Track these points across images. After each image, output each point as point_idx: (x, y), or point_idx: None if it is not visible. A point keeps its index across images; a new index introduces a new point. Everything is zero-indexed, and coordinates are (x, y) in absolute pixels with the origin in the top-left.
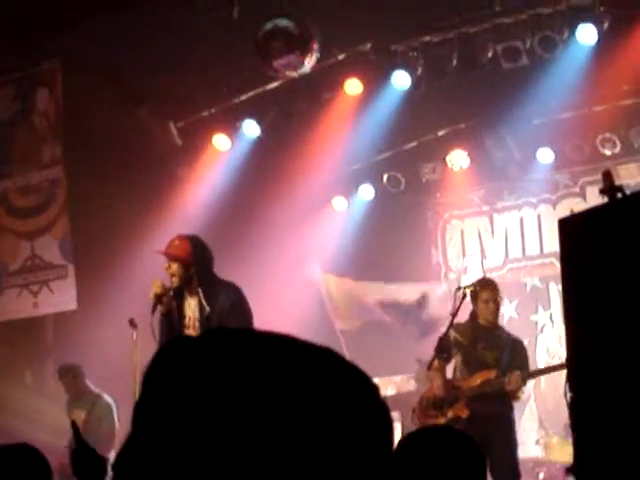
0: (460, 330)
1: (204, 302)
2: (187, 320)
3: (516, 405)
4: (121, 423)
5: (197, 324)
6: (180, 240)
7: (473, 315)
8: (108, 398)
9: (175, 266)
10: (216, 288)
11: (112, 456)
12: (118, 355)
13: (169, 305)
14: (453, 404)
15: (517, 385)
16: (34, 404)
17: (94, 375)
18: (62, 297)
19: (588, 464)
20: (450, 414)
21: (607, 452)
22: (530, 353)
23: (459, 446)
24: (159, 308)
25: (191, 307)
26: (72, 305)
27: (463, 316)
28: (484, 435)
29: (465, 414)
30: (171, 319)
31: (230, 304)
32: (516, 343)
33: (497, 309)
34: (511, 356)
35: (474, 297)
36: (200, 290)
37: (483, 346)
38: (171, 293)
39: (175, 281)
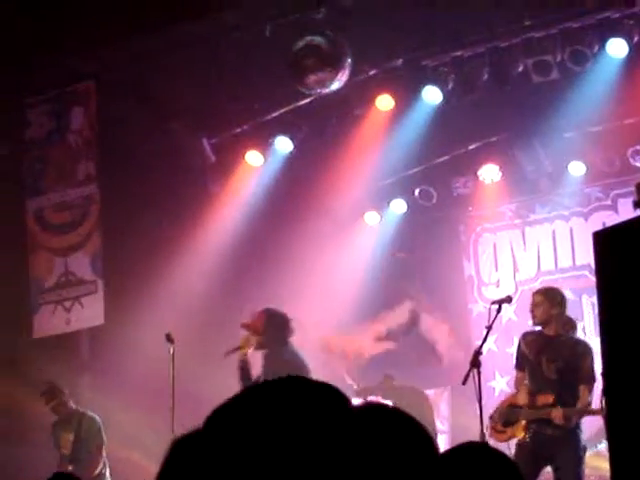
0: (528, 342)
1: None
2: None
3: None
4: (159, 434)
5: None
6: (258, 313)
7: (541, 326)
8: (92, 414)
9: (250, 334)
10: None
11: (97, 471)
12: (153, 369)
13: (244, 358)
14: (513, 424)
15: (560, 421)
16: None
17: (129, 389)
18: (91, 312)
19: (625, 477)
20: (509, 433)
21: None
22: None
23: (495, 465)
24: (237, 355)
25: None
26: (99, 320)
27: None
28: (552, 455)
29: (522, 435)
30: (245, 370)
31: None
32: (578, 348)
33: (545, 313)
34: (573, 367)
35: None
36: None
37: (547, 358)
38: (249, 350)
39: (252, 344)
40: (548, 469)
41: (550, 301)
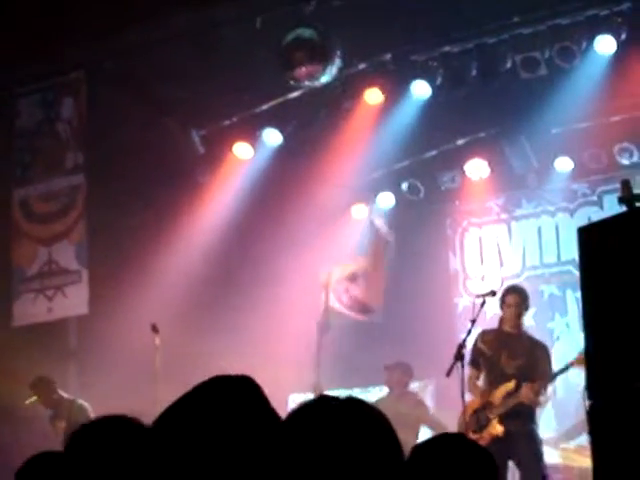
0: (486, 340)
1: None
2: None
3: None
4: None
5: None
6: None
7: (500, 321)
8: (81, 401)
9: None
10: None
11: None
12: (139, 358)
13: None
14: (487, 424)
15: (529, 397)
16: None
17: (116, 378)
18: (74, 302)
19: (607, 471)
20: (487, 435)
21: (626, 459)
22: None
23: (472, 455)
24: None
25: None
26: (83, 309)
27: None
28: (514, 451)
29: (500, 432)
30: None
31: None
32: (537, 349)
33: (518, 313)
34: (532, 364)
35: (501, 302)
36: None
37: (506, 355)
38: None
39: None
40: None
41: (526, 302)
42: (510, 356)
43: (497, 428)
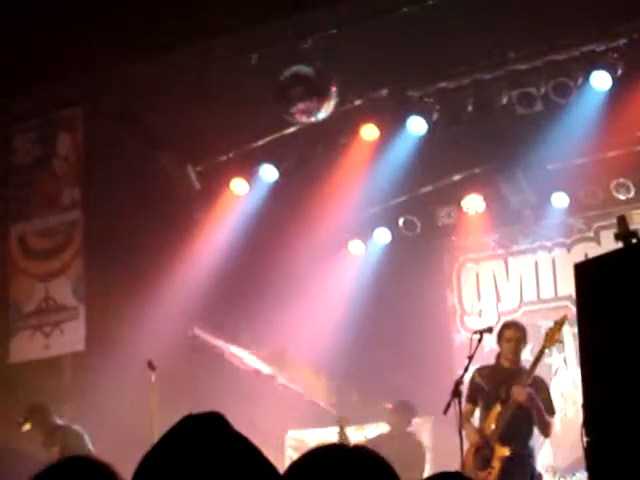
0: (483, 375)
1: None
2: None
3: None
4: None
5: None
6: None
7: (497, 357)
8: (76, 427)
9: None
10: None
11: None
12: (134, 396)
13: None
14: (493, 453)
15: (521, 396)
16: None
17: (112, 415)
18: (72, 338)
19: None
20: (497, 463)
21: None
22: None
23: None
24: None
25: None
26: (80, 346)
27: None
28: (508, 475)
29: (508, 452)
30: None
31: None
32: (535, 383)
33: (517, 347)
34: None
35: (499, 337)
36: None
37: (505, 390)
38: None
39: None
40: None
41: (524, 337)
42: (508, 391)
43: (503, 450)
